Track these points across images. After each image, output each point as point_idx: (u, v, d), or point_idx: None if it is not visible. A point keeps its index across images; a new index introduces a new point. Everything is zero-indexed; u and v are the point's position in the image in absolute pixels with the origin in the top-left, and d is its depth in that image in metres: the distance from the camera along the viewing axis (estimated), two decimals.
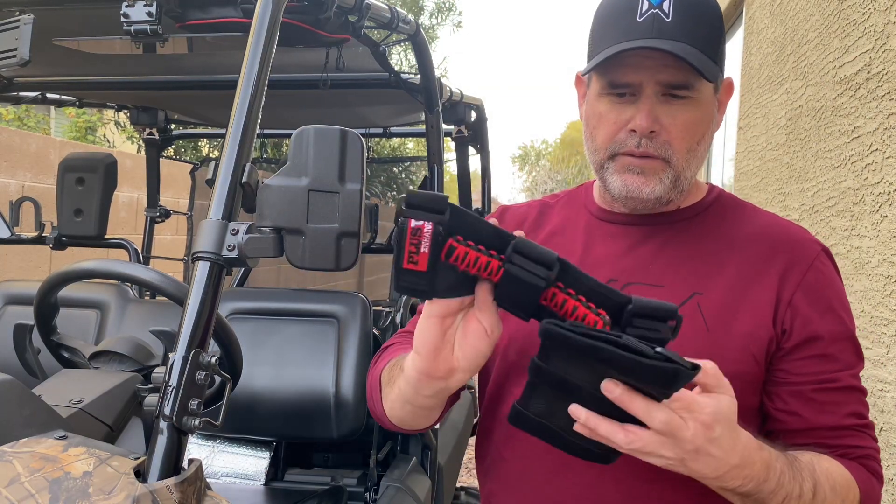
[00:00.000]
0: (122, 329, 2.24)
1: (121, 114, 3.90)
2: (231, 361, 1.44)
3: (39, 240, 2.59)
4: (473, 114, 3.08)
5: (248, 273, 3.22)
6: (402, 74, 2.29)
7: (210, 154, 7.10)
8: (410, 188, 3.56)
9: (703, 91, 0.99)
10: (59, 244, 2.60)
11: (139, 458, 0.99)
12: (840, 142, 2.78)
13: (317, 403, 2.02)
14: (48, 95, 2.69)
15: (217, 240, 1.05)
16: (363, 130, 3.25)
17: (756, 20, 4.58)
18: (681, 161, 1.00)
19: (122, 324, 2.28)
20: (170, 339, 1.36)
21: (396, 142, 9.78)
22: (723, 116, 1.09)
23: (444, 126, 2.79)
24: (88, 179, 2.51)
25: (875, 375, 2.31)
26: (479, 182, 3.59)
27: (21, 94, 2.58)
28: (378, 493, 2.09)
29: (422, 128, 3.08)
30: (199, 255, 1.05)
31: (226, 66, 2.29)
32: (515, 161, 47.46)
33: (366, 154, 1.07)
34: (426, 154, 2.50)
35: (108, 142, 7.53)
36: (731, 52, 5.35)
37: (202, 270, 1.05)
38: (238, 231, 1.05)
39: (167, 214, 3.26)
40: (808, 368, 0.99)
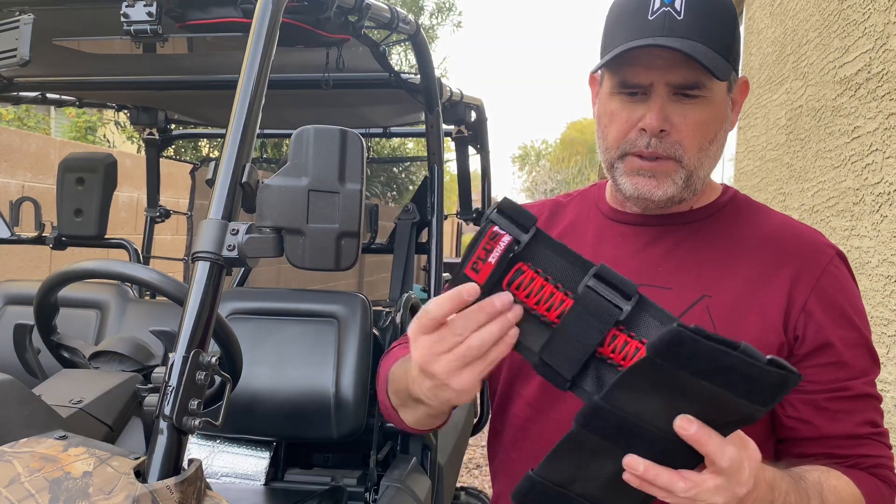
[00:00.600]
0: (122, 329, 2.24)
1: (121, 114, 3.90)
2: (231, 361, 1.44)
3: (39, 240, 2.59)
4: (473, 114, 3.08)
5: (248, 273, 3.22)
6: (402, 74, 2.29)
7: (210, 154, 7.10)
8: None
9: (716, 90, 0.98)
10: (59, 244, 2.60)
11: (139, 458, 0.99)
12: (840, 142, 2.78)
13: (317, 403, 2.02)
14: (48, 95, 2.68)
15: (217, 240, 1.05)
16: (363, 130, 3.25)
17: (756, 20, 4.57)
18: (692, 160, 0.99)
19: (122, 324, 2.28)
20: (170, 339, 1.36)
21: (396, 142, 9.78)
22: (737, 116, 1.07)
23: (444, 126, 2.79)
24: (88, 179, 2.51)
25: None
26: (479, 182, 3.59)
27: (21, 94, 2.58)
28: (378, 493, 2.09)
29: (422, 128, 3.08)
30: (199, 255, 1.05)
31: (226, 66, 2.29)
32: (515, 161, 47.51)
33: (366, 154, 1.07)
34: (426, 154, 2.50)
35: (108, 142, 7.53)
36: None
37: (202, 270, 1.05)
38: (238, 231, 1.05)
39: (167, 214, 3.26)
40: (822, 376, 0.98)
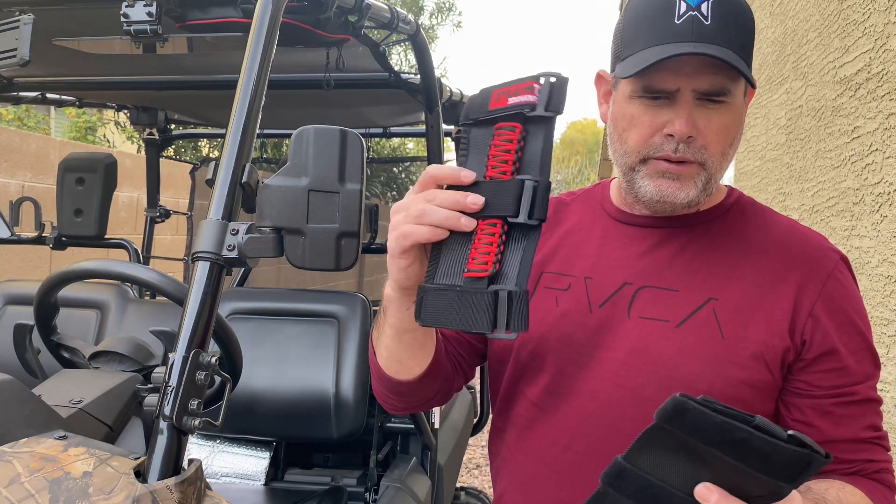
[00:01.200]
0: (122, 329, 2.24)
1: (121, 114, 3.90)
2: (231, 361, 1.44)
3: (39, 240, 2.59)
4: None
5: (248, 273, 3.21)
6: (402, 74, 2.29)
7: (210, 154, 7.10)
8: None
9: (737, 95, 0.97)
10: (59, 244, 2.60)
11: (139, 458, 0.99)
12: (840, 142, 2.78)
13: (316, 403, 2.02)
14: (48, 95, 2.68)
15: (217, 240, 1.05)
16: (363, 130, 3.25)
17: (756, 20, 4.57)
18: (715, 164, 0.99)
19: (122, 324, 2.28)
20: (170, 339, 1.36)
21: (396, 142, 9.77)
22: (745, 117, 1.08)
23: (444, 126, 2.79)
24: (88, 179, 2.51)
25: None
26: None
27: (21, 94, 2.58)
28: (378, 493, 2.09)
29: (422, 128, 3.08)
30: (199, 255, 1.05)
31: (226, 66, 2.29)
32: None
33: (366, 154, 1.07)
34: (426, 154, 2.50)
35: (108, 142, 7.53)
36: None
37: (202, 270, 1.05)
38: (238, 231, 1.05)
39: (167, 214, 3.26)
40: (828, 381, 0.98)
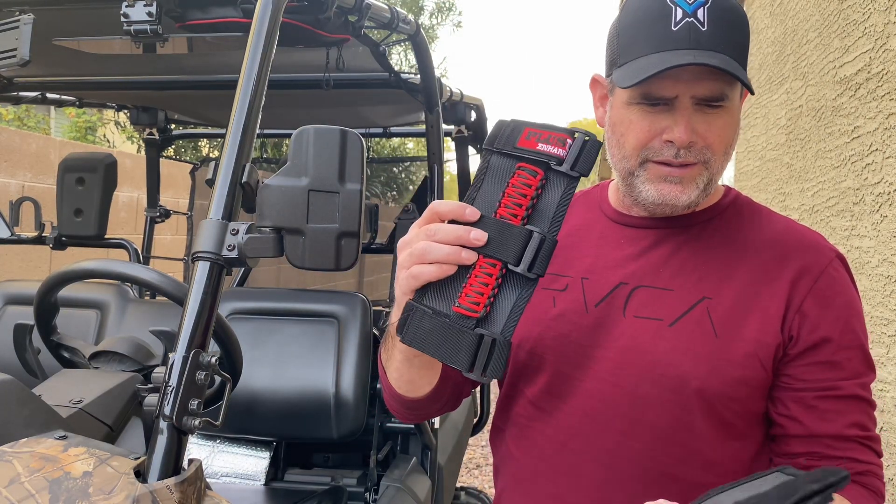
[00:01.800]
0: (122, 329, 2.23)
1: (121, 114, 3.90)
2: (231, 361, 1.44)
3: (39, 240, 2.59)
4: (473, 114, 3.08)
5: (248, 273, 3.21)
6: (402, 74, 2.29)
7: (210, 154, 7.10)
8: None
9: (734, 99, 0.98)
10: (59, 244, 2.60)
11: (139, 458, 0.99)
12: (840, 142, 2.78)
13: (317, 403, 2.02)
14: (48, 95, 2.68)
15: (217, 240, 1.05)
16: (363, 130, 3.25)
17: (756, 20, 4.57)
18: (717, 163, 0.99)
19: (122, 324, 2.28)
20: (170, 339, 1.36)
21: (396, 142, 9.78)
22: (740, 118, 1.08)
23: (444, 126, 2.79)
24: (88, 179, 2.51)
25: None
26: None
27: (21, 94, 2.58)
28: (378, 493, 2.09)
29: (422, 128, 3.08)
30: (199, 255, 1.05)
31: (226, 66, 2.29)
32: None
33: (366, 154, 1.07)
34: (426, 154, 2.50)
35: (108, 142, 7.53)
36: None
37: (202, 270, 1.05)
38: (238, 231, 1.05)
39: (167, 214, 3.26)
40: (812, 375, 0.98)
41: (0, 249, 4.15)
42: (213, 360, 1.04)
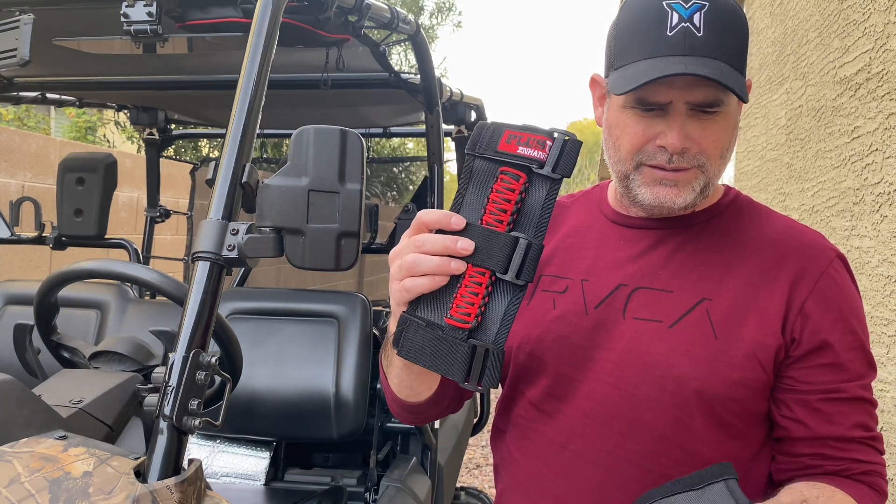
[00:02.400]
0: (122, 329, 2.24)
1: (121, 114, 3.90)
2: (231, 361, 1.44)
3: (39, 240, 2.59)
4: (473, 114, 3.08)
5: (248, 273, 3.21)
6: (402, 74, 2.29)
7: (210, 154, 7.10)
8: None
9: (731, 104, 0.97)
10: (59, 244, 2.60)
11: (139, 458, 0.99)
12: (840, 142, 2.78)
13: (317, 403, 2.02)
14: (48, 95, 2.69)
15: (217, 240, 1.05)
16: (363, 130, 3.25)
17: (756, 20, 4.57)
18: (713, 167, 0.99)
19: (122, 324, 2.28)
20: (170, 339, 1.36)
21: (396, 142, 9.77)
22: (739, 119, 1.07)
23: (444, 126, 2.79)
24: (88, 179, 2.51)
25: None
26: None
27: (21, 94, 2.58)
28: (378, 493, 2.09)
29: (422, 128, 3.08)
30: (199, 255, 1.05)
31: (226, 66, 2.29)
32: None
33: (366, 154, 1.07)
34: (426, 154, 2.50)
35: (108, 142, 7.53)
36: None
37: (202, 270, 1.05)
38: (238, 231, 1.05)
39: (167, 214, 3.26)
40: (816, 377, 0.98)
41: (0, 249, 4.15)
42: (213, 360, 1.04)
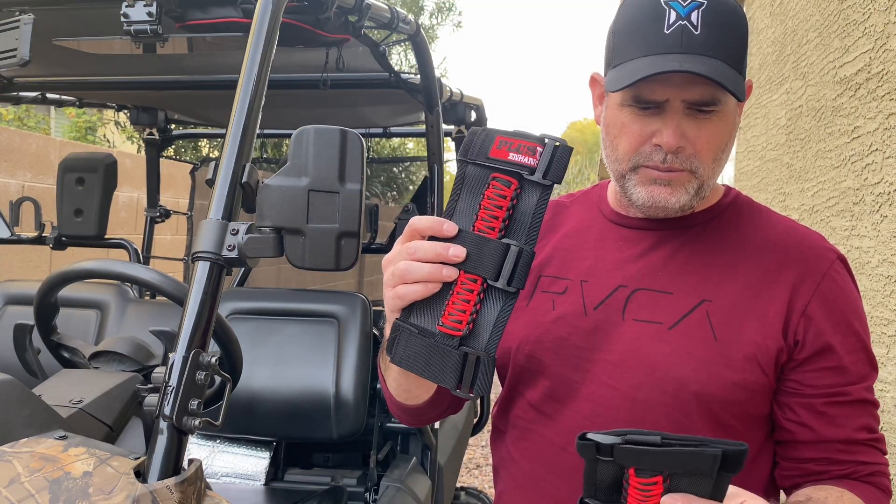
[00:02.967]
0: (122, 329, 2.24)
1: (121, 114, 3.90)
2: (231, 361, 1.44)
3: (39, 240, 2.59)
4: (473, 114, 3.08)
5: (248, 273, 3.21)
6: (402, 74, 2.29)
7: (210, 154, 7.10)
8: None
9: (729, 103, 0.97)
10: (59, 244, 2.60)
11: (139, 458, 0.99)
12: (840, 142, 2.78)
13: (316, 403, 2.02)
14: (48, 95, 2.68)
15: (217, 240, 1.05)
16: (363, 130, 3.25)
17: (756, 20, 4.57)
18: (706, 171, 0.99)
19: (122, 324, 2.28)
20: (170, 339, 1.36)
21: (396, 142, 9.77)
22: (741, 117, 1.07)
23: (444, 126, 2.79)
24: (88, 179, 2.51)
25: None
26: None
27: (21, 94, 2.58)
28: (378, 493, 2.09)
29: (422, 128, 3.08)
30: (199, 255, 1.05)
31: (226, 66, 2.29)
32: None
33: (366, 154, 1.07)
34: (426, 154, 2.50)
35: (108, 142, 7.53)
36: None
37: (202, 270, 1.05)
38: (238, 231, 1.05)
39: (167, 214, 3.26)
40: (820, 381, 0.98)
41: (0, 249, 4.15)
42: (213, 360, 1.04)
